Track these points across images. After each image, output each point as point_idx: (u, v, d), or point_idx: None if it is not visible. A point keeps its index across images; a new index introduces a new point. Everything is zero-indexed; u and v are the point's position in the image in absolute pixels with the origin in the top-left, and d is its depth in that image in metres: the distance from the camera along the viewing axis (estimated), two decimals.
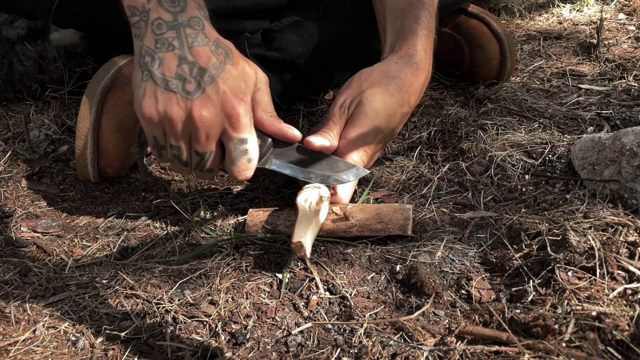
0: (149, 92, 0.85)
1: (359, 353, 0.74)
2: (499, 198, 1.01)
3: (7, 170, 1.19)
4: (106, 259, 0.96)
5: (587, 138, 1.03)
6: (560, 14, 1.82)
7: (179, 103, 0.84)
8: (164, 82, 0.84)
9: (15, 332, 0.82)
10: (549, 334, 0.71)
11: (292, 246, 0.85)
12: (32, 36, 1.33)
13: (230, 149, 0.89)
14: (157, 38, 0.84)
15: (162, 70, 0.84)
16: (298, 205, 0.89)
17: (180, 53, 0.84)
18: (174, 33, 0.84)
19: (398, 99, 1.00)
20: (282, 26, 1.23)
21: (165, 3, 0.85)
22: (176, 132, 0.86)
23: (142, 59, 0.85)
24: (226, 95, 0.85)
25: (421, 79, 1.02)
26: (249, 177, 0.92)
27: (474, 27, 1.34)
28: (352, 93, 1.00)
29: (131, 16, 0.86)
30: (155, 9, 0.85)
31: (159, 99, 0.84)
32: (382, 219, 0.92)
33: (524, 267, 0.83)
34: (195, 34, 0.85)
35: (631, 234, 0.84)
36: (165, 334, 0.78)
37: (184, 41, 0.85)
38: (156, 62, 0.84)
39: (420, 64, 1.02)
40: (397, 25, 1.06)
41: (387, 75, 1.00)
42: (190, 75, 0.84)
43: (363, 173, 0.96)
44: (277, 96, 1.24)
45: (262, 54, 1.21)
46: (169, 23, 0.85)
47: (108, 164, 1.11)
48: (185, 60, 0.84)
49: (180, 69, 0.84)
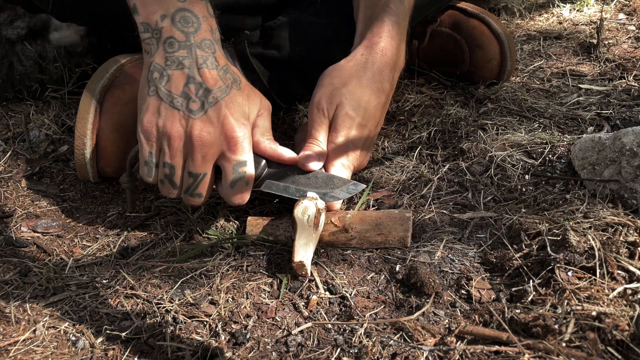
0: (153, 107, 0.86)
1: (359, 353, 0.74)
2: (499, 198, 1.01)
3: (7, 170, 1.19)
4: (106, 259, 0.96)
5: (587, 138, 1.03)
6: (560, 14, 1.82)
7: (181, 121, 0.85)
8: (169, 99, 0.85)
9: (15, 332, 0.82)
10: (549, 334, 0.71)
11: (294, 265, 0.85)
12: (32, 36, 1.33)
13: (228, 171, 0.89)
14: (168, 56, 0.86)
15: (169, 87, 0.85)
16: (296, 219, 0.88)
17: (189, 72, 0.85)
18: (185, 52, 0.86)
19: (373, 89, 1.00)
20: (280, 23, 1.22)
21: (178, 23, 0.86)
22: (173, 149, 0.87)
23: (150, 74, 0.86)
24: (227, 118, 0.86)
25: (390, 65, 1.02)
26: (245, 202, 0.93)
27: (474, 27, 1.34)
28: (326, 91, 1.00)
29: (144, 32, 0.87)
30: (169, 28, 0.86)
31: (162, 114, 0.86)
32: (382, 230, 0.92)
33: (524, 267, 0.83)
34: (206, 57, 0.86)
35: (631, 234, 0.84)
36: (166, 334, 0.78)
37: (193, 62, 0.86)
38: (164, 79, 0.86)
39: (385, 49, 1.02)
40: (367, 14, 1.07)
41: (357, 69, 1.01)
42: (196, 95, 0.85)
43: (359, 188, 0.96)
44: (277, 95, 1.24)
45: (261, 53, 1.21)
46: (181, 42, 0.86)
47: (107, 164, 1.11)
48: (194, 80, 0.85)
49: (187, 88, 0.85)
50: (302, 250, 0.86)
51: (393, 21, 1.04)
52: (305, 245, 0.86)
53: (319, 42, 1.22)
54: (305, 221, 0.88)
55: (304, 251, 0.85)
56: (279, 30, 1.22)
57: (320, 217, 0.90)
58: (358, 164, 1.02)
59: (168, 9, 0.86)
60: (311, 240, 0.87)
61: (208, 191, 0.91)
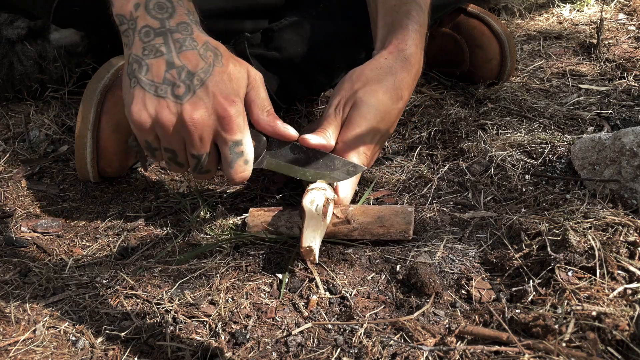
0: (138, 98, 0.84)
1: (359, 353, 0.74)
2: (499, 198, 1.01)
3: (7, 170, 1.19)
4: (106, 259, 0.96)
5: (587, 138, 1.03)
6: (560, 14, 1.82)
7: (169, 107, 0.84)
8: (153, 88, 0.84)
9: (15, 332, 0.82)
10: (549, 334, 0.71)
11: (302, 251, 0.85)
12: (32, 36, 1.33)
13: (225, 152, 0.88)
14: (145, 45, 0.84)
15: (150, 76, 0.84)
16: (304, 208, 0.88)
17: (168, 58, 0.84)
18: (162, 39, 0.84)
19: (392, 95, 0.99)
20: (281, 26, 1.23)
21: (152, 10, 0.84)
22: (168, 136, 0.86)
23: (129, 67, 0.85)
24: (216, 97, 0.85)
25: (412, 74, 1.02)
26: (247, 179, 0.92)
27: (474, 27, 1.34)
28: (345, 94, 1.00)
29: (120, 24, 0.86)
30: (143, 16, 0.84)
31: (148, 104, 0.84)
32: (384, 222, 0.92)
33: (524, 267, 0.83)
34: (183, 39, 0.85)
35: (631, 234, 0.84)
36: (165, 334, 0.78)
37: (171, 46, 0.84)
38: (143, 69, 0.84)
39: (410, 58, 1.01)
40: (387, 20, 1.06)
41: (379, 73, 1.00)
42: (179, 79, 0.84)
43: (360, 170, 0.96)
44: (277, 96, 1.24)
45: (261, 54, 1.21)
46: (157, 30, 0.84)
47: (107, 164, 1.11)
48: (174, 65, 0.84)
49: (169, 74, 0.84)
50: (310, 237, 0.85)
51: (416, 29, 1.03)
52: (314, 232, 0.86)
53: (319, 44, 1.22)
54: (313, 210, 0.87)
55: (312, 237, 0.85)
56: (280, 32, 1.22)
57: (329, 207, 0.90)
58: (367, 164, 1.01)
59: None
60: (319, 229, 0.87)
61: (215, 166, 0.91)
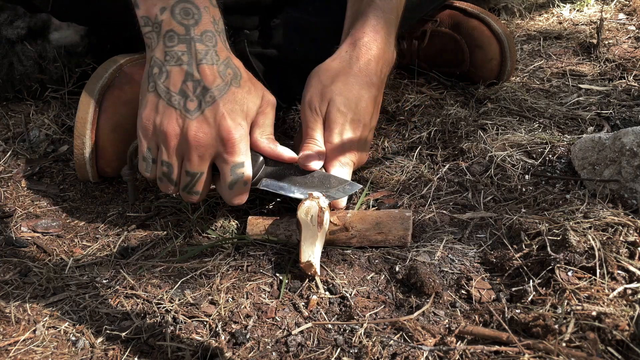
0: (151, 103, 0.85)
1: (359, 353, 0.74)
2: (499, 198, 1.01)
3: (7, 170, 1.19)
4: (106, 258, 0.96)
5: (587, 138, 1.03)
6: (560, 14, 1.82)
7: (177, 120, 0.84)
8: (167, 96, 0.84)
9: (15, 332, 0.82)
10: (549, 334, 0.71)
11: (301, 266, 0.85)
12: (32, 36, 1.33)
13: (225, 173, 0.88)
14: (167, 50, 0.84)
15: (167, 83, 0.84)
16: (300, 220, 0.88)
17: (187, 69, 0.84)
18: (185, 47, 0.84)
19: (362, 83, 1.00)
20: (279, 22, 1.22)
21: (178, 15, 0.84)
22: (169, 147, 0.86)
23: (151, 70, 0.85)
24: (224, 118, 0.85)
25: (376, 57, 1.02)
26: (244, 202, 0.92)
27: (474, 28, 1.34)
28: (317, 92, 1.00)
29: (144, 26, 0.86)
30: (168, 20, 0.84)
31: (159, 111, 0.85)
32: (382, 229, 0.92)
33: (524, 267, 0.83)
34: (206, 51, 0.85)
35: (631, 234, 0.84)
36: (166, 334, 0.78)
37: (193, 57, 0.84)
38: (163, 75, 0.84)
39: (369, 43, 1.02)
40: (353, 11, 1.07)
41: (342, 65, 1.01)
42: (193, 93, 0.84)
43: (355, 188, 0.96)
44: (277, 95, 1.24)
45: (261, 52, 1.21)
46: (181, 36, 0.84)
47: (107, 164, 1.11)
48: (192, 77, 0.84)
49: (185, 85, 0.84)
50: (309, 250, 0.85)
51: (378, 16, 1.03)
52: (311, 245, 0.86)
53: (318, 41, 1.22)
54: (309, 221, 0.87)
55: (310, 251, 0.85)
56: (278, 30, 1.22)
57: (324, 215, 0.90)
58: (358, 160, 1.02)
59: (168, 1, 0.84)
60: (317, 239, 0.87)
61: (205, 189, 0.91)
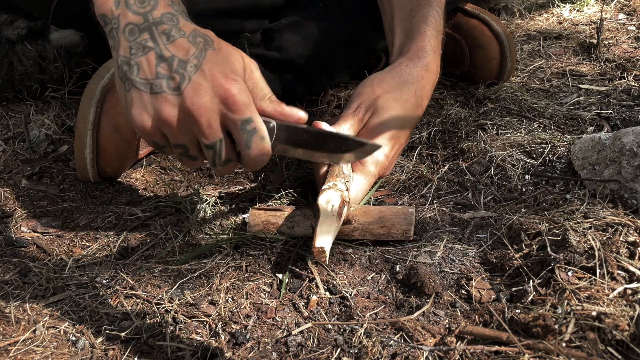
0: (135, 100, 0.80)
1: (359, 353, 0.74)
2: (499, 198, 1.01)
3: (7, 170, 1.19)
4: (106, 259, 0.96)
5: (587, 138, 1.03)
6: (560, 14, 1.82)
7: (169, 101, 0.79)
8: (148, 87, 0.79)
9: (15, 332, 0.82)
10: (549, 334, 0.71)
11: (313, 250, 0.83)
12: (32, 36, 1.33)
13: (237, 134, 0.82)
14: (131, 44, 0.80)
15: (142, 74, 0.79)
16: (320, 207, 0.87)
17: (157, 52, 0.79)
18: (147, 34, 0.80)
19: (412, 103, 0.99)
20: (281, 26, 1.22)
21: (133, 5, 0.80)
22: (175, 132, 0.81)
23: (120, 70, 0.81)
24: (216, 78, 0.80)
25: (431, 81, 1.02)
26: (269, 157, 0.84)
27: (474, 27, 1.34)
28: (366, 99, 0.99)
29: (104, 25, 0.82)
30: (124, 13, 0.80)
31: (147, 104, 0.80)
32: (385, 223, 0.92)
33: (524, 267, 0.83)
34: (169, 29, 0.80)
35: (631, 234, 0.84)
36: (165, 334, 0.78)
37: (158, 39, 0.80)
38: (134, 69, 0.79)
39: (429, 65, 1.01)
40: (405, 26, 1.05)
41: (400, 81, 0.99)
42: (172, 70, 0.79)
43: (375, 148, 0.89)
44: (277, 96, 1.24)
45: (261, 54, 1.21)
46: (140, 26, 0.80)
47: (107, 164, 1.11)
48: (164, 57, 0.79)
49: (161, 68, 0.79)
50: (324, 237, 0.84)
51: (433, 35, 1.03)
52: (327, 233, 0.85)
53: (319, 44, 1.22)
54: (329, 210, 0.87)
55: (325, 238, 0.84)
56: (280, 33, 1.22)
57: (344, 208, 0.90)
58: (383, 172, 1.00)
59: None
60: (332, 229, 0.86)
61: (234, 153, 0.84)
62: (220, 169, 0.84)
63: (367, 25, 1.25)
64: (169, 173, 1.17)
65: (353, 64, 1.31)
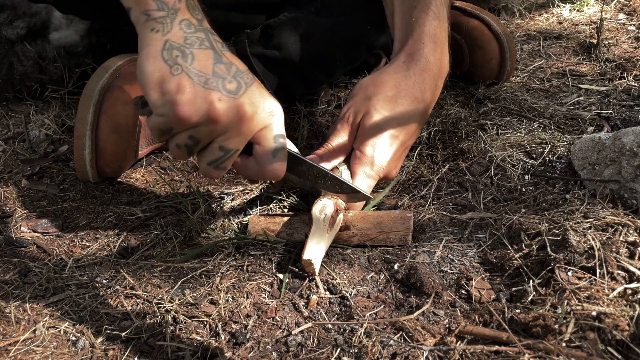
0: (185, 87, 0.77)
1: (359, 353, 0.74)
2: (498, 198, 1.01)
3: (7, 170, 1.19)
4: (106, 258, 0.96)
5: (587, 138, 1.03)
6: (560, 14, 1.82)
7: (223, 101, 0.78)
8: (202, 79, 0.78)
9: (15, 332, 0.82)
10: (549, 334, 0.71)
11: (302, 262, 0.84)
12: (32, 36, 1.33)
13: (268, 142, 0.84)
14: (187, 35, 0.80)
15: (197, 66, 0.78)
16: (313, 216, 0.87)
17: (214, 53, 0.80)
18: (203, 35, 0.81)
19: (411, 98, 0.97)
20: (280, 22, 1.22)
21: (190, 9, 0.82)
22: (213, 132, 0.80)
23: (167, 53, 0.78)
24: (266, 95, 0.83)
25: (433, 72, 0.99)
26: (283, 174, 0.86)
27: (473, 28, 1.34)
28: (357, 102, 0.98)
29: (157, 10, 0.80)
30: (184, 10, 0.81)
31: (198, 96, 0.78)
32: (383, 228, 0.92)
33: (524, 267, 0.83)
34: (222, 43, 0.82)
35: (631, 234, 0.84)
36: (166, 333, 0.78)
37: (214, 43, 0.81)
38: (188, 57, 0.78)
39: (428, 56, 0.98)
40: (406, 19, 1.02)
41: (395, 77, 0.97)
42: (229, 74, 0.80)
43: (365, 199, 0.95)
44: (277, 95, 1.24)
45: (261, 53, 1.21)
46: (197, 26, 0.81)
47: (107, 164, 1.11)
48: (221, 60, 0.80)
49: (218, 68, 0.79)
50: (313, 249, 0.85)
51: (434, 25, 0.99)
52: (317, 244, 0.86)
53: (319, 42, 1.22)
54: (321, 219, 0.87)
55: (314, 249, 0.85)
56: (279, 30, 1.21)
57: (338, 216, 0.90)
58: (385, 174, 0.98)
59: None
60: (323, 239, 0.86)
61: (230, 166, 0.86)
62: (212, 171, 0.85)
63: (366, 22, 1.25)
64: (169, 173, 1.17)
65: (352, 62, 1.31)
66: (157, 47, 0.79)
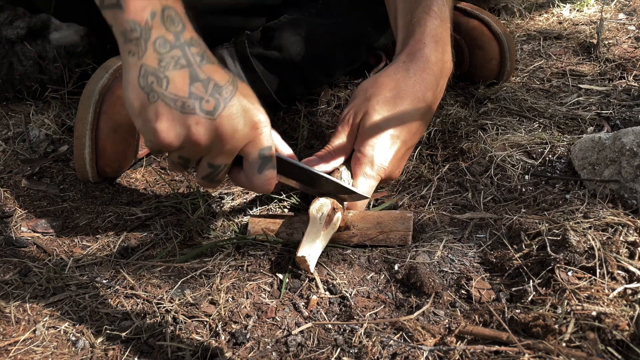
0: (163, 115, 0.76)
1: (359, 353, 0.74)
2: (498, 198, 1.01)
3: (7, 170, 1.19)
4: (106, 258, 0.96)
5: (587, 138, 1.03)
6: (560, 14, 1.82)
7: (202, 124, 0.77)
8: (178, 104, 0.76)
9: (15, 332, 0.82)
10: (549, 334, 0.71)
11: (296, 259, 0.85)
12: (32, 36, 1.33)
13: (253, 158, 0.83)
14: (161, 57, 0.77)
15: (172, 90, 0.76)
16: (310, 215, 0.88)
17: (191, 71, 0.77)
18: (179, 52, 0.77)
19: (412, 98, 0.96)
20: (281, 24, 1.22)
21: (166, 22, 0.78)
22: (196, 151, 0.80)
23: (143, 80, 0.77)
24: (249, 109, 0.80)
25: (434, 71, 0.98)
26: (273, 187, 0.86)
27: (473, 28, 1.34)
28: (358, 103, 0.97)
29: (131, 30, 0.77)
30: (158, 26, 0.77)
31: (176, 122, 0.77)
32: (383, 228, 0.92)
33: (524, 267, 0.83)
34: (202, 53, 0.79)
35: (631, 234, 0.84)
36: (166, 334, 0.78)
37: (191, 58, 0.78)
38: (163, 82, 0.76)
39: (429, 56, 0.97)
40: (407, 19, 1.02)
41: (396, 78, 0.97)
42: (207, 93, 0.77)
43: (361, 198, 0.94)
44: (277, 96, 1.24)
45: (262, 53, 1.21)
46: (172, 43, 0.77)
47: (106, 164, 1.11)
48: (198, 78, 0.77)
49: (194, 87, 0.77)
50: (307, 246, 0.85)
51: (436, 24, 0.99)
52: (312, 241, 0.86)
53: (319, 42, 1.22)
54: (317, 218, 0.87)
55: (309, 247, 0.85)
56: (279, 31, 1.22)
57: (335, 215, 0.90)
58: (387, 175, 0.97)
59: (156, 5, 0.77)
60: (319, 237, 0.86)
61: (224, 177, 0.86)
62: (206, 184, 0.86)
63: (366, 22, 1.25)
64: (169, 173, 1.17)
65: (353, 62, 1.31)
66: (134, 74, 0.78)
